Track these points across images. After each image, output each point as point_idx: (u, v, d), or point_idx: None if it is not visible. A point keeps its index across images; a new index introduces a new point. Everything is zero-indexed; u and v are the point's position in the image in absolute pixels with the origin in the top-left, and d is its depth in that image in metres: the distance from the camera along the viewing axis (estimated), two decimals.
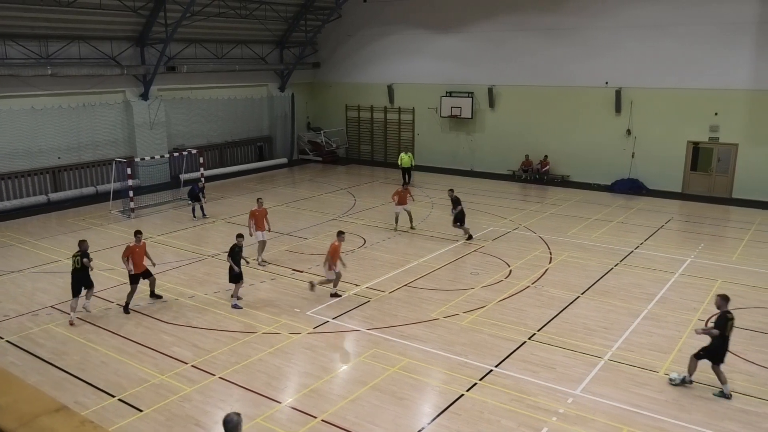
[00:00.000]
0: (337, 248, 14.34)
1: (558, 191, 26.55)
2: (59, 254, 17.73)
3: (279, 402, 10.01)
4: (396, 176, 28.75)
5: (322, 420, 9.45)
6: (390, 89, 32.99)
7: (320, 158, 34.05)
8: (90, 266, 13.10)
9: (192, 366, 11.17)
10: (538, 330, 12.71)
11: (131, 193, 22.26)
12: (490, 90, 29.69)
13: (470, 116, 30.20)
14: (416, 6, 31.16)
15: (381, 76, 33.19)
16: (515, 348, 11.88)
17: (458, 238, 19.13)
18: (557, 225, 20.87)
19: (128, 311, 13.56)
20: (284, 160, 33.44)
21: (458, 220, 18.96)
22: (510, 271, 16.27)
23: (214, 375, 10.84)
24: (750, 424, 9.37)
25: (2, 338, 12.36)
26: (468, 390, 10.36)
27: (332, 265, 14.23)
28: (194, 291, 14.93)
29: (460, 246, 18.47)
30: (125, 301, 13.66)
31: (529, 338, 12.33)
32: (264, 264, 16.69)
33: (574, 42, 27.14)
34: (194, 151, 25.88)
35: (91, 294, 13.37)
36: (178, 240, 19.07)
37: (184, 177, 26.44)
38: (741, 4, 23.38)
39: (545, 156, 28.43)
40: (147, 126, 27.21)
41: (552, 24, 27.52)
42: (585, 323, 13.05)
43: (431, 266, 16.62)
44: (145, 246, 14.07)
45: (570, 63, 27.35)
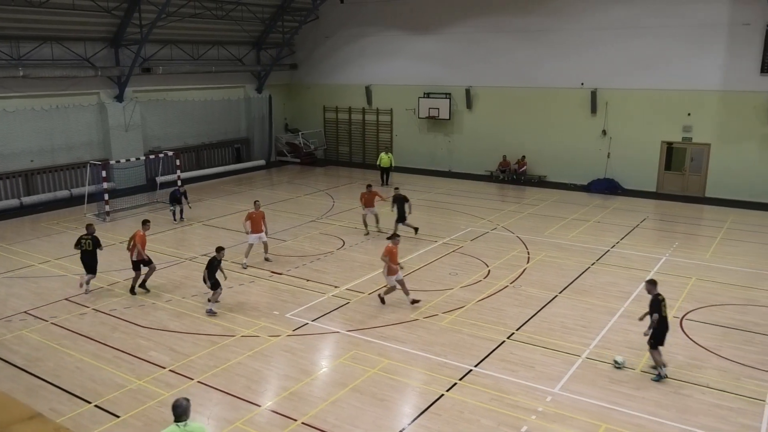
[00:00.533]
0: (390, 251, 13.74)
1: (535, 191, 26.78)
2: (33, 259, 17.43)
3: (258, 405, 9.95)
4: (375, 177, 28.74)
5: (303, 423, 9.42)
6: (368, 90, 33.00)
7: (298, 160, 33.93)
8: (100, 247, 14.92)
9: (170, 370, 11.05)
10: (517, 329, 12.81)
11: (106, 196, 21.99)
12: (468, 91, 29.85)
13: (448, 117, 30.33)
14: (394, 7, 31.22)
15: (359, 78, 33.19)
16: (494, 347, 11.96)
17: (437, 239, 19.20)
18: (535, 225, 21.05)
19: (134, 293, 14.77)
20: (262, 162, 33.26)
21: (402, 219, 19.00)
22: (489, 271, 16.37)
23: (193, 379, 10.74)
24: (724, 419, 9.54)
25: None
26: (448, 390, 10.39)
27: (391, 270, 13.71)
28: (172, 295, 14.78)
29: (439, 246, 18.53)
30: (143, 281, 14.93)
31: (508, 338, 12.41)
32: (267, 261, 17.10)
33: (550, 43, 27.41)
34: (171, 153, 25.61)
35: (92, 277, 14.79)
36: (156, 243, 18.84)
37: (161, 179, 26.20)
38: (712, 7, 23.81)
39: (522, 156, 28.66)
40: (122, 128, 26.87)
41: (528, 26, 27.76)
42: (563, 322, 13.18)
43: (410, 267, 16.64)
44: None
45: (546, 64, 27.61)
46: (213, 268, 13.52)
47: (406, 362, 11.39)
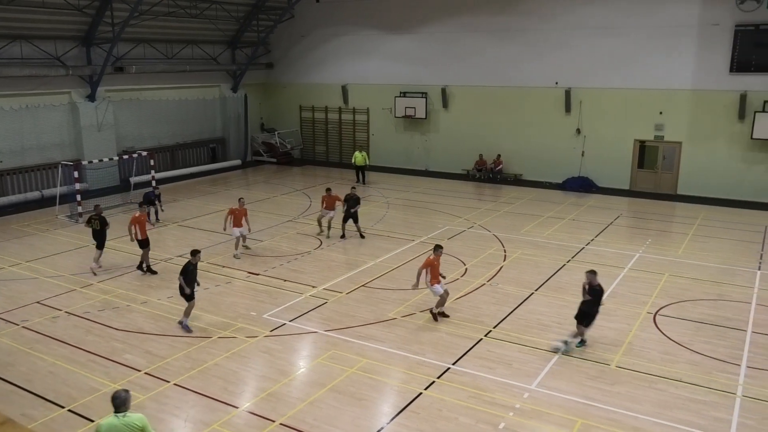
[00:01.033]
0: (431, 263, 12.91)
1: (511, 190, 26.98)
2: (3, 262, 17.07)
3: (236, 407, 9.87)
4: (351, 177, 28.72)
5: (281, 423, 9.37)
6: (344, 90, 32.93)
7: (274, 159, 33.73)
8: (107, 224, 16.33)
9: (145, 373, 10.91)
10: (494, 327, 12.89)
11: (79, 197, 21.63)
12: (444, 90, 29.96)
13: (424, 116, 30.40)
14: (369, 7, 31.20)
15: (335, 77, 33.10)
16: (472, 345, 12.02)
17: (414, 238, 19.24)
18: (511, 223, 21.20)
19: (144, 270, 16.00)
20: (238, 162, 33.00)
21: (349, 218, 19.09)
22: (466, 270, 16.45)
23: (169, 382, 10.62)
24: (698, 413, 9.71)
25: None
26: (426, 388, 10.43)
27: (433, 282, 12.99)
28: (147, 297, 14.60)
29: (417, 245, 18.57)
30: (140, 263, 16.06)
31: (486, 335, 12.49)
32: (247, 249, 17.83)
33: (525, 43, 27.62)
34: (144, 154, 25.29)
35: (101, 253, 16.11)
36: (130, 245, 18.58)
37: (135, 180, 25.85)
38: (683, 7, 24.21)
39: (498, 155, 28.84)
40: (94, 128, 26.44)
41: (503, 25, 27.95)
42: (539, 319, 13.30)
43: (388, 266, 16.66)
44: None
45: (521, 63, 27.82)
46: (189, 274, 12.71)
47: (385, 361, 11.39)
